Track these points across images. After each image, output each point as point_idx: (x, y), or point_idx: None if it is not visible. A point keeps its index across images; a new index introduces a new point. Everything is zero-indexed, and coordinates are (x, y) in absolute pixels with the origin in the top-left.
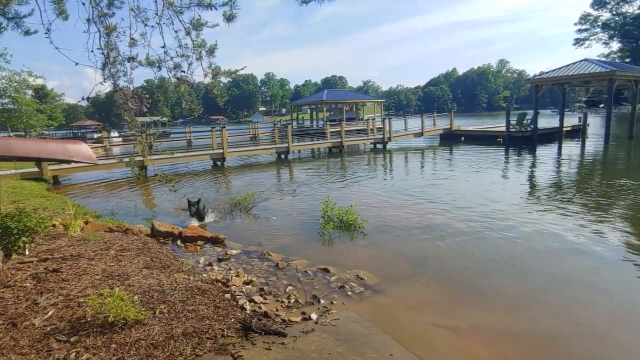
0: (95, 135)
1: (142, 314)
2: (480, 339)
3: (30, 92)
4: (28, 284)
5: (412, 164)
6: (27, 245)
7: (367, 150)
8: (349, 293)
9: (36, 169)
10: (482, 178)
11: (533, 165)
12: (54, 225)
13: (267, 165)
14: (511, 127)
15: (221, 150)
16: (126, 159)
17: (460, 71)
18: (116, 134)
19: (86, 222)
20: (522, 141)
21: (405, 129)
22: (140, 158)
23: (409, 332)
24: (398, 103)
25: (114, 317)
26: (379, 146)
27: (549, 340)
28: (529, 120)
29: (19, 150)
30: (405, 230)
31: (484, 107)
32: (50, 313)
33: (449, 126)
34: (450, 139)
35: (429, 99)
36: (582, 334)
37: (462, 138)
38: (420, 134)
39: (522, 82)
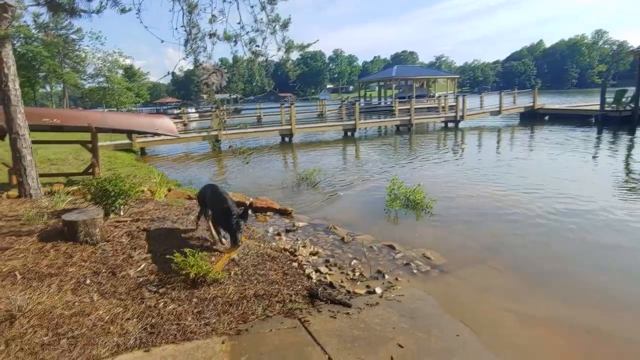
0: (176, 111)
1: (219, 274)
2: (553, 331)
3: (120, 71)
4: (124, 240)
5: (487, 144)
6: (121, 207)
7: (437, 129)
8: (415, 271)
9: (127, 141)
10: (567, 161)
11: (631, 149)
12: (142, 191)
13: (334, 142)
14: (607, 105)
15: (289, 127)
16: (204, 134)
17: (548, 43)
18: (193, 110)
19: (169, 190)
20: (619, 122)
21: (481, 107)
22: (216, 133)
23: (476, 316)
24: (473, 79)
25: (195, 274)
26: (451, 125)
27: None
28: (629, 98)
29: (112, 123)
30: (477, 213)
31: (574, 83)
32: (142, 266)
33: (531, 104)
34: (532, 118)
35: (509, 74)
36: None
37: (546, 117)
38: (498, 112)
39: (622, 55)
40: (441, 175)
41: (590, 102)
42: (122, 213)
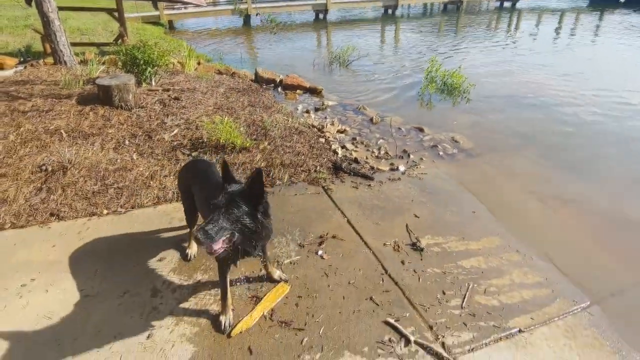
0: None
1: (247, 142)
2: (571, 214)
3: None
4: (156, 107)
5: (545, 28)
6: (152, 77)
7: (490, 9)
8: (441, 153)
9: (155, 13)
10: (635, 53)
11: None
12: (172, 64)
13: (372, 21)
14: None
15: (324, 1)
16: (233, 7)
17: None
18: None
19: (199, 63)
20: None
21: None
22: (245, 5)
23: (497, 197)
24: None
25: (224, 140)
26: (507, 4)
27: None
28: None
29: None
30: (518, 101)
31: None
32: (175, 132)
33: None
34: (605, 0)
35: None
36: None
37: None
38: None
39: None
40: (486, 59)
41: None
42: (153, 83)
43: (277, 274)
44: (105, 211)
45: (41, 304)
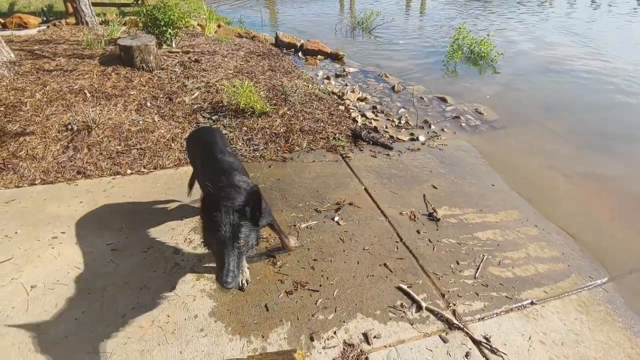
0: None
1: (266, 107)
2: (595, 192)
3: None
4: (177, 69)
5: None
6: (173, 38)
7: None
8: (463, 124)
9: None
10: None
11: None
12: (192, 26)
13: None
14: None
15: None
16: None
17: None
18: None
19: (219, 26)
20: None
21: None
22: None
23: (518, 170)
24: None
25: (244, 105)
26: None
27: None
28: None
29: None
30: (547, 73)
31: None
32: (196, 94)
33: None
34: None
35: None
36: None
37: None
38: None
39: None
40: (518, 28)
41: None
42: (173, 45)
43: (291, 243)
44: (129, 171)
45: (72, 255)
